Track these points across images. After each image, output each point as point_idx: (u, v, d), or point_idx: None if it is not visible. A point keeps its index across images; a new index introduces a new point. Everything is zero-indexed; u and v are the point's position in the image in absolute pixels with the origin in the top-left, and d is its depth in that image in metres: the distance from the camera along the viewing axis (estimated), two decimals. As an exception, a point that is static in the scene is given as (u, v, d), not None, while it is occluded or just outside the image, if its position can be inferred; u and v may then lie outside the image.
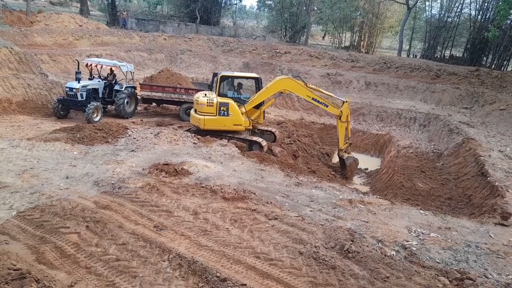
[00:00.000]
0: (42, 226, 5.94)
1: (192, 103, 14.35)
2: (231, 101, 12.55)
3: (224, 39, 32.21)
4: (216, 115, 12.38)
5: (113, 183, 7.82)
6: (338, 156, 14.23)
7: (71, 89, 14.00)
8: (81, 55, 21.78)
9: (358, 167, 14.56)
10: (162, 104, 16.80)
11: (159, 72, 17.20)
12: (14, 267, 4.69)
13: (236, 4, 50.85)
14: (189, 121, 14.01)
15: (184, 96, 15.77)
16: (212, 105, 12.32)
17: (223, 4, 47.13)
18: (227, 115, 12.46)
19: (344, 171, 13.94)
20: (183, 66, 26.94)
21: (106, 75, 15.90)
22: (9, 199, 6.79)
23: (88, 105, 13.71)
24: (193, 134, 12.16)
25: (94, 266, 5.11)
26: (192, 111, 13.15)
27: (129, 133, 11.75)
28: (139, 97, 16.08)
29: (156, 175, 8.44)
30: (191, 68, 26.74)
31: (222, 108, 12.39)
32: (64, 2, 45.23)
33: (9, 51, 16.15)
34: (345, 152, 13.88)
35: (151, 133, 11.78)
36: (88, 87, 14.34)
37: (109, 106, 15.33)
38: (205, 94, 12.64)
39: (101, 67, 15.31)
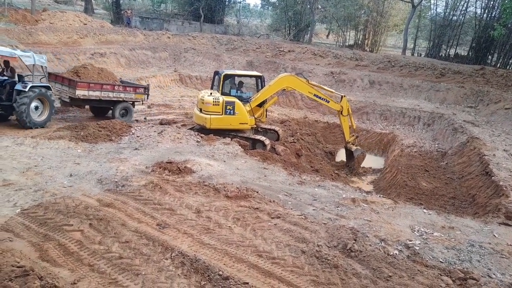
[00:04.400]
0: (46, 224, 5.98)
1: (129, 101, 13.89)
2: (237, 100, 12.57)
3: (228, 37, 32.21)
4: (222, 114, 12.38)
5: (116, 181, 7.85)
6: (345, 148, 14.37)
7: None
8: (85, 53, 21.88)
9: (366, 166, 14.64)
10: (86, 106, 14.05)
11: (84, 67, 14.17)
12: (17, 264, 4.72)
13: (240, 2, 50.87)
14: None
15: (121, 95, 13.63)
16: (218, 104, 12.32)
17: (227, 3, 47.11)
18: (233, 114, 12.47)
19: (351, 163, 14.11)
20: (187, 64, 26.98)
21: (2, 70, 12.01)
22: (13, 197, 6.84)
23: None
24: (196, 133, 12.17)
25: (97, 263, 5.13)
26: (196, 110, 13.16)
27: (133, 131, 11.78)
28: (55, 98, 12.60)
29: (159, 173, 8.45)
30: (195, 66, 26.76)
31: (228, 107, 12.39)
32: (68, 0, 45.39)
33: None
34: (353, 144, 14.04)
35: (154, 131, 11.80)
36: None
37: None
38: (211, 93, 12.65)
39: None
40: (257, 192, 7.81)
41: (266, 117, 13.92)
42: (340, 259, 5.59)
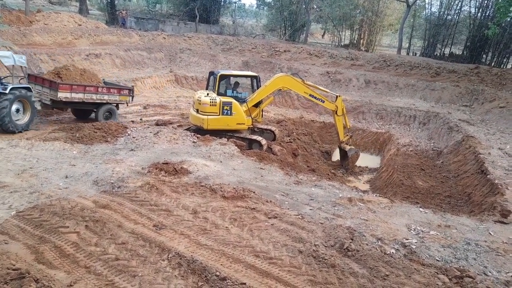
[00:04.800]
0: (41, 226, 5.94)
1: (112, 104, 13.61)
2: (234, 100, 12.57)
3: (224, 37, 32.17)
4: (219, 115, 12.37)
5: (112, 183, 7.82)
6: (340, 148, 14.45)
7: None
8: (80, 54, 21.77)
9: (362, 165, 14.71)
10: (68, 108, 13.75)
11: (66, 68, 13.48)
12: (13, 267, 4.69)
13: (235, 2, 50.84)
14: None
15: (105, 97, 13.31)
16: (215, 105, 12.29)
17: (222, 3, 47.01)
18: (230, 114, 12.46)
19: (344, 162, 14.21)
20: (182, 65, 26.91)
21: None
22: (8, 199, 6.79)
23: None
24: (192, 133, 12.15)
25: (93, 265, 5.11)
26: (192, 111, 13.12)
27: (129, 132, 11.74)
28: (37, 101, 11.89)
29: (156, 174, 8.43)
30: (191, 67, 26.70)
31: (225, 108, 12.37)
32: (63, 1, 45.12)
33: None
34: (347, 144, 14.17)
35: (150, 132, 11.77)
36: None
37: None
38: (207, 94, 12.62)
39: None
40: (254, 192, 7.80)
41: (262, 117, 13.93)
42: (337, 258, 5.60)
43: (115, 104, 13.91)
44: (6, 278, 4.46)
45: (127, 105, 14.80)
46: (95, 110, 13.55)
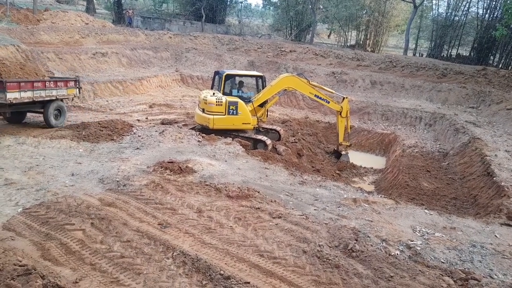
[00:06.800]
0: (48, 223, 5.99)
1: (61, 100, 12.09)
2: (240, 100, 12.59)
3: (229, 37, 32.20)
4: (225, 114, 12.40)
5: (118, 181, 7.86)
6: (336, 149, 14.59)
7: None
8: (87, 53, 21.91)
9: (367, 166, 14.76)
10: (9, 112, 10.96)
11: (2, 63, 10.88)
12: (19, 263, 4.73)
13: (241, 2, 50.92)
14: (57, 126, 11.71)
15: (53, 92, 11.35)
16: (221, 105, 12.32)
17: (228, 3, 47.10)
18: (236, 114, 12.49)
19: (337, 161, 14.62)
20: (188, 64, 26.99)
21: None
22: (15, 196, 6.86)
23: None
24: (197, 133, 12.18)
25: (98, 262, 5.15)
26: (198, 110, 13.15)
27: (134, 131, 11.81)
28: None
29: (161, 173, 8.47)
30: (196, 66, 26.77)
31: (231, 107, 12.41)
32: (70, 0, 45.43)
33: (16, 49, 16.27)
34: (344, 149, 14.29)
35: (156, 131, 11.82)
36: None
37: None
38: (213, 94, 12.65)
39: None
40: (259, 192, 7.81)
41: (267, 117, 13.94)
42: (342, 259, 5.59)
43: (61, 100, 12.15)
44: (13, 274, 4.50)
45: (73, 99, 13.25)
46: (42, 109, 11.58)
